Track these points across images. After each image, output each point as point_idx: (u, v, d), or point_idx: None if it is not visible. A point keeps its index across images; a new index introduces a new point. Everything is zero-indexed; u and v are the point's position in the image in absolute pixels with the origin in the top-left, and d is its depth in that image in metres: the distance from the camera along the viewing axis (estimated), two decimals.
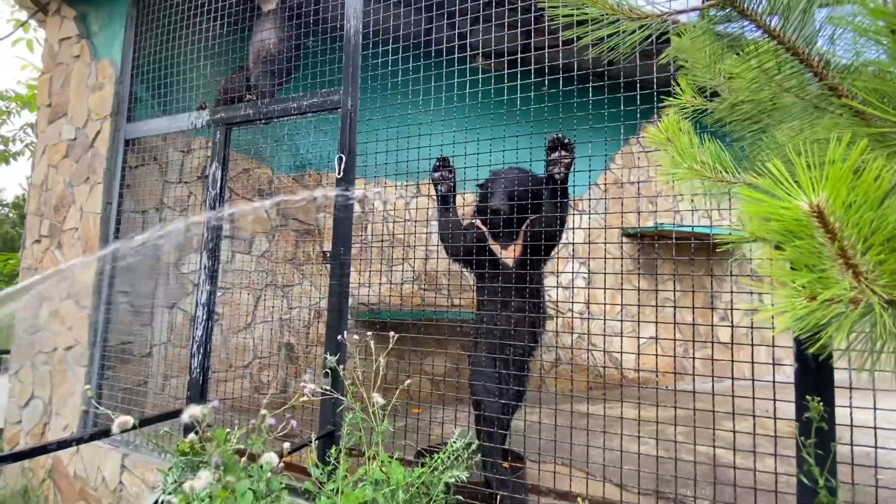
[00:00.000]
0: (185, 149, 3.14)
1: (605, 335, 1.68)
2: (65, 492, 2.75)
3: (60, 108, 3.34)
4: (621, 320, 1.60)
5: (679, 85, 1.33)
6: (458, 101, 1.97)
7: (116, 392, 2.72)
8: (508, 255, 2.06)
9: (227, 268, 3.26)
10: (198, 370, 2.45)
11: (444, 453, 1.21)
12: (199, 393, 2.41)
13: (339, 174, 2.00)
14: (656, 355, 1.70)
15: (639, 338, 1.84)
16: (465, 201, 3.30)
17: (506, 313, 1.95)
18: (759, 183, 0.46)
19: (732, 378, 1.51)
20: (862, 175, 0.39)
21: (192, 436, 0.97)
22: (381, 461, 1.27)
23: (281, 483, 1.09)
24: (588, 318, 3.97)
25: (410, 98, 2.02)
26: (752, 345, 1.54)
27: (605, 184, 4.42)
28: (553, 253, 2.00)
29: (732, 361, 1.52)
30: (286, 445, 1.12)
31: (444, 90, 2.00)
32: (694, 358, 1.68)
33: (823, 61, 0.62)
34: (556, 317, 3.99)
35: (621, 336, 1.62)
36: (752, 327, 1.61)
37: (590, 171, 1.76)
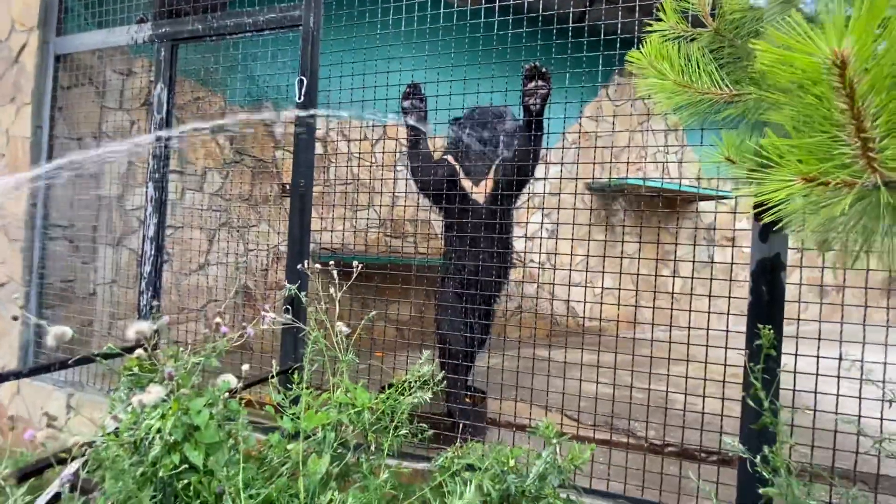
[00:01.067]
0: (124, 71, 2.85)
1: (569, 276, 1.68)
2: (5, 434, 2.61)
3: None
4: (586, 262, 1.60)
5: (663, 9, 1.27)
6: (430, 28, 1.84)
7: None
8: (479, 191, 2.01)
9: (178, 204, 3.06)
10: (147, 308, 2.32)
11: (411, 375, 1.19)
12: None
13: (299, 98, 1.86)
14: (618, 297, 1.73)
15: (603, 276, 1.88)
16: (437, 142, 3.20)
17: (475, 250, 1.92)
18: (776, 36, 0.42)
19: (690, 312, 1.56)
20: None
21: (139, 351, 0.90)
22: (346, 387, 1.24)
23: (239, 405, 1.05)
24: (552, 260, 4.04)
25: (379, 18, 1.87)
26: (711, 279, 1.59)
27: (579, 134, 4.39)
28: (525, 189, 1.96)
29: (691, 295, 1.56)
30: (245, 367, 1.07)
31: (417, 14, 1.86)
32: (655, 291, 1.72)
33: None
34: (521, 266, 4.03)
35: (585, 286, 1.63)
36: (711, 262, 1.65)
37: (565, 108, 1.71)
